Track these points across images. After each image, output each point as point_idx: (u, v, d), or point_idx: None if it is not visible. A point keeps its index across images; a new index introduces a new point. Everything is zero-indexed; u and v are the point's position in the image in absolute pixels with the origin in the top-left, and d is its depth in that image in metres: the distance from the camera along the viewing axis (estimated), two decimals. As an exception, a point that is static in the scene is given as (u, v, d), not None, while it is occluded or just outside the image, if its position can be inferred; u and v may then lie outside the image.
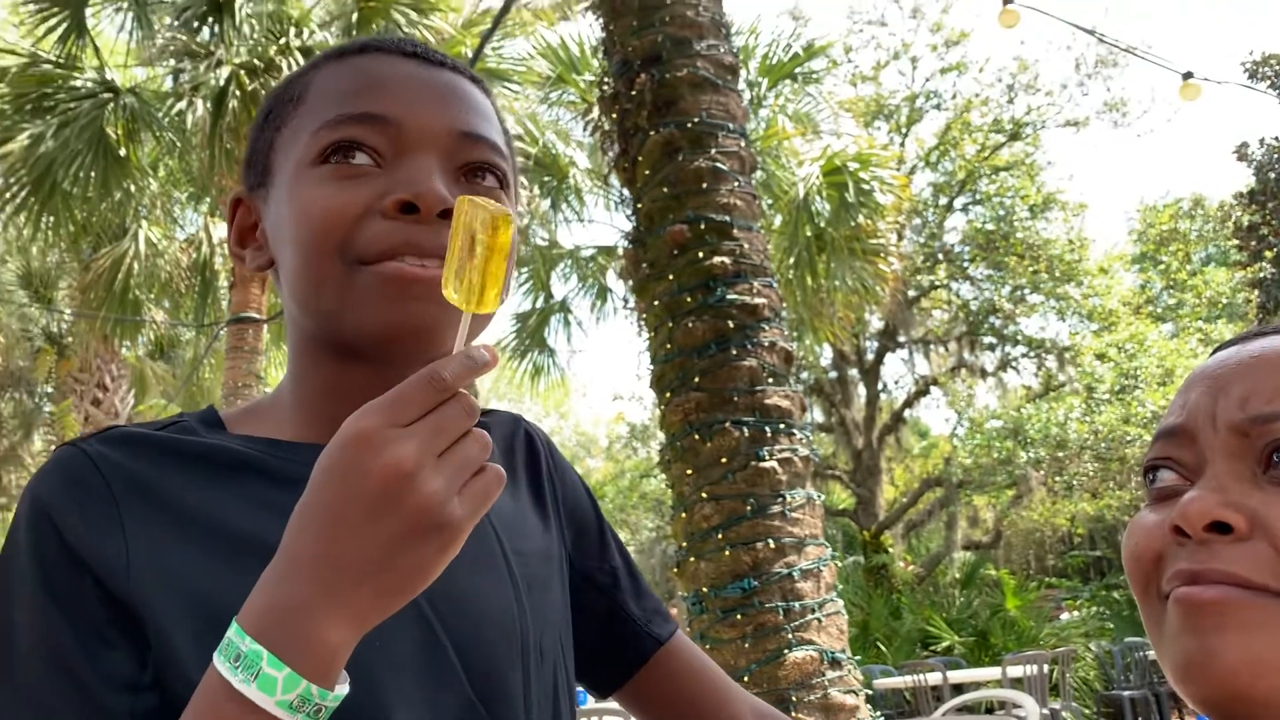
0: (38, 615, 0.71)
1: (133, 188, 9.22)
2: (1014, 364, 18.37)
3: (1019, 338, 18.08)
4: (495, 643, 0.81)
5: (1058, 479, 16.04)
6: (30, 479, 0.76)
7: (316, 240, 0.77)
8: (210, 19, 8.51)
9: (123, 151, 8.54)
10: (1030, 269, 17.33)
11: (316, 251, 0.78)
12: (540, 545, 0.93)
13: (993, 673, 9.53)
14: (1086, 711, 11.13)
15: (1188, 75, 6.26)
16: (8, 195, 8.48)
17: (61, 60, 8.46)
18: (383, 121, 0.79)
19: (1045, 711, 7.96)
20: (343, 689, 0.61)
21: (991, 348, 18.34)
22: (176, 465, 0.78)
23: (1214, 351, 0.71)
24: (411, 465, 0.58)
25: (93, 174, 8.37)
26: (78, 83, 8.50)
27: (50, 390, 14.54)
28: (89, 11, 8.43)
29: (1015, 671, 8.81)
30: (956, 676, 9.39)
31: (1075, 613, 15.45)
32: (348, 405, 0.75)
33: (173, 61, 8.62)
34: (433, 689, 0.77)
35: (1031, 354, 18.07)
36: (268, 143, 0.86)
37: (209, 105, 7.84)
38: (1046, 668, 8.89)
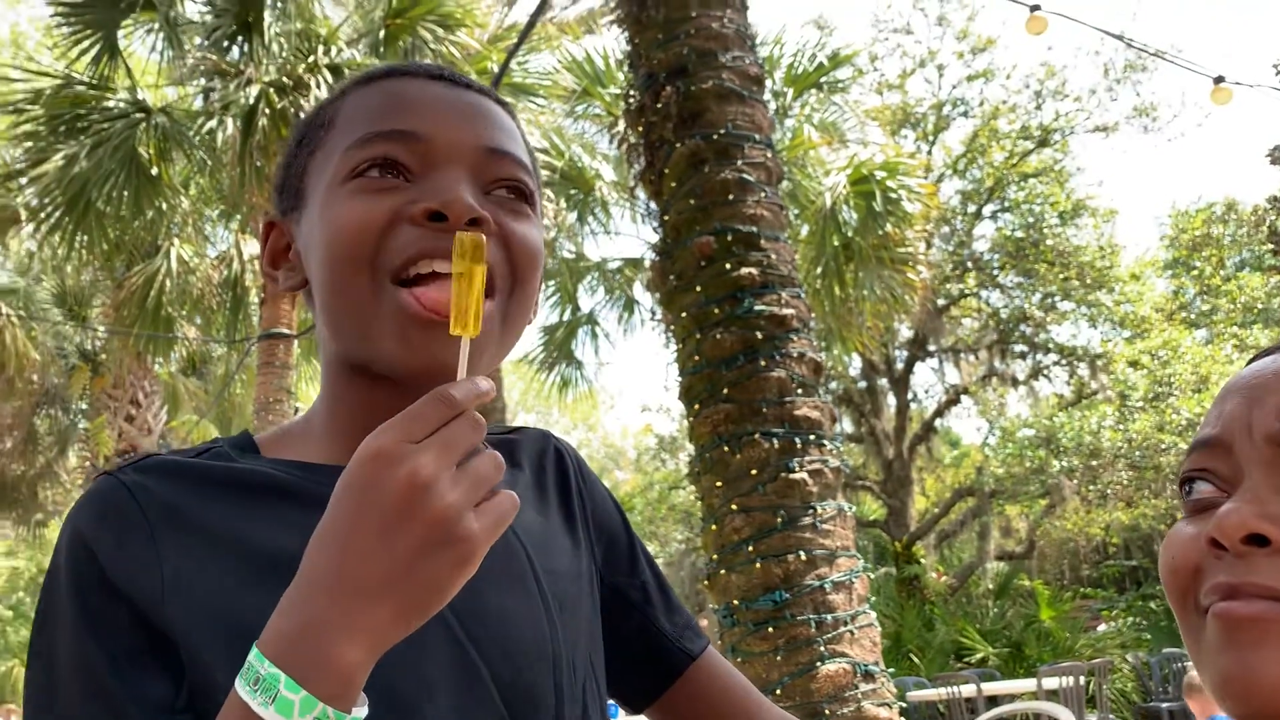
0: (76, 643, 0.72)
1: (164, 206, 9.34)
2: (1045, 372, 18.21)
3: (1050, 345, 17.92)
4: (527, 662, 0.82)
5: (1091, 488, 15.84)
6: (70, 509, 0.78)
7: (346, 252, 0.79)
8: (239, 38, 8.61)
9: (154, 170, 8.65)
10: (1061, 276, 17.18)
11: (346, 264, 0.79)
12: (570, 563, 0.93)
13: (1028, 684, 9.43)
14: (1124, 724, 10.98)
15: (1219, 79, 6.19)
16: (43, 215, 8.61)
17: (94, 81, 8.58)
18: (412, 137, 0.80)
19: (1082, 724, 7.86)
20: (360, 711, 0.62)
21: (1022, 356, 18.19)
22: (211, 492, 0.79)
23: (1250, 361, 0.70)
24: (428, 476, 0.60)
25: (125, 193, 8.47)
26: (110, 103, 8.62)
27: (84, 407, 14.69)
28: (121, 33, 8.56)
29: (1051, 683, 8.72)
30: (991, 688, 9.30)
31: (1110, 624, 15.27)
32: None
33: (203, 81, 8.73)
34: (466, 710, 0.77)
35: (1063, 362, 17.90)
36: (300, 168, 0.88)
37: (239, 123, 7.92)
38: (1083, 679, 8.78)
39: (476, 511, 0.61)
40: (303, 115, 0.92)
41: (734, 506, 4.62)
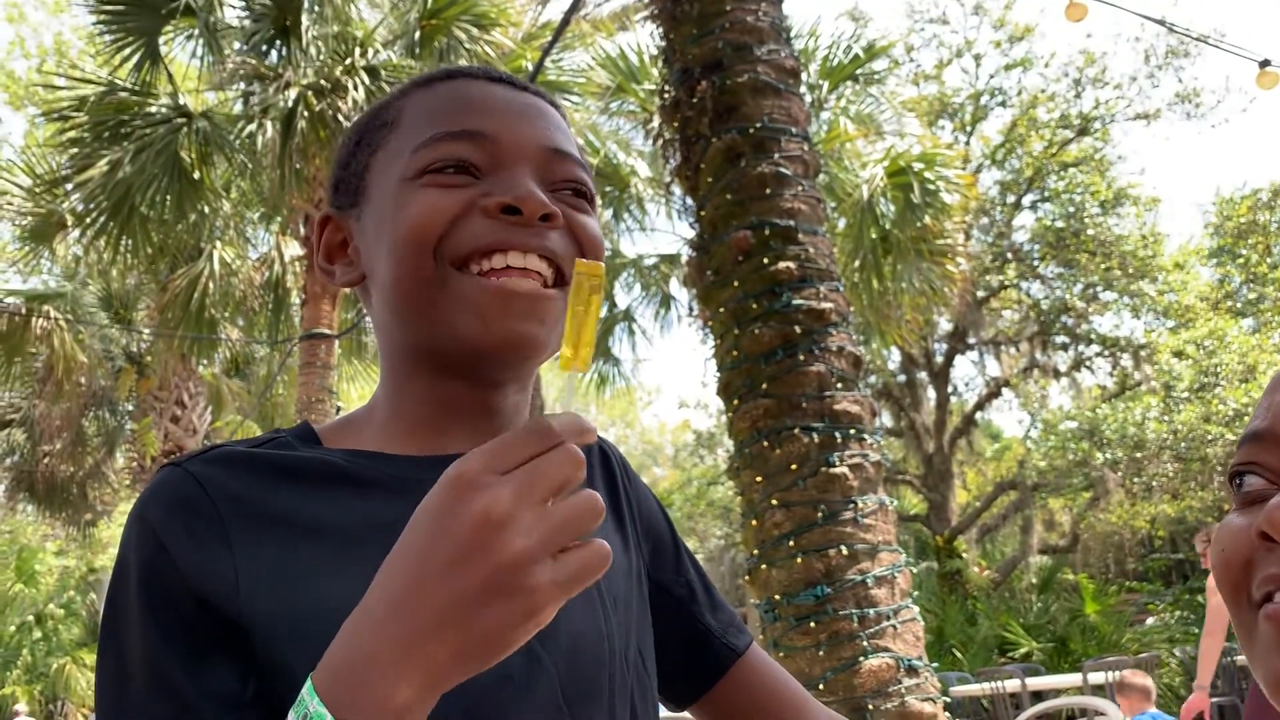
0: (145, 637, 0.73)
1: (206, 209, 9.47)
2: (1088, 363, 18.01)
3: (1093, 336, 17.72)
4: (586, 656, 0.83)
5: (1136, 480, 15.65)
6: (137, 501, 0.78)
7: (414, 239, 0.80)
8: (277, 42, 8.71)
9: (196, 174, 8.77)
10: (1103, 266, 16.97)
11: (413, 252, 0.80)
12: (620, 559, 0.94)
13: (1073, 679, 9.34)
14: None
15: (1265, 63, 6.10)
16: (88, 220, 8.76)
17: (137, 88, 8.72)
18: (480, 137, 0.83)
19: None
20: None
21: (1064, 347, 18.00)
22: (278, 481, 0.80)
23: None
24: (503, 513, 0.55)
25: (168, 197, 8.60)
26: (152, 109, 8.75)
27: (131, 408, 14.91)
28: (161, 39, 8.68)
29: (1096, 678, 8.63)
30: (1035, 683, 9.23)
31: (1157, 617, 15.07)
32: (443, 417, 0.78)
33: (242, 85, 8.83)
34: (529, 702, 0.78)
35: (1106, 353, 17.70)
36: (361, 166, 0.89)
37: (278, 126, 8.00)
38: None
39: (557, 560, 0.56)
40: (355, 115, 0.94)
41: (774, 502, 4.61)
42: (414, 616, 0.57)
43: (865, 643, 4.33)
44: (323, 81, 8.17)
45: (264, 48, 8.73)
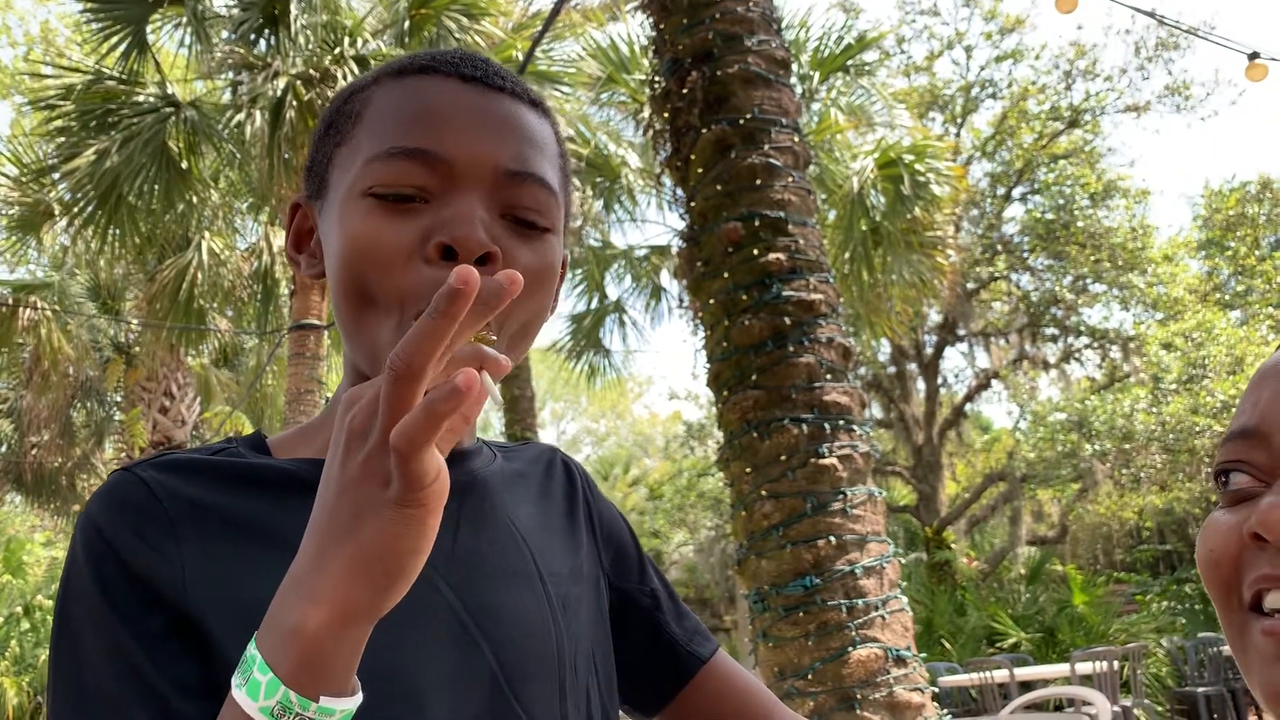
0: (104, 630, 0.72)
1: (195, 199, 9.41)
2: (1077, 355, 18.05)
3: (1082, 328, 17.75)
4: (536, 660, 0.83)
5: (1124, 471, 15.71)
6: (85, 504, 0.78)
7: (360, 284, 0.78)
8: (266, 31, 8.66)
9: (184, 164, 8.72)
10: (1092, 258, 17.00)
11: (361, 298, 0.79)
12: (571, 564, 0.94)
13: (1061, 669, 9.38)
14: (1159, 709, 10.92)
15: (1254, 55, 6.11)
16: (76, 210, 8.71)
17: (124, 76, 8.66)
18: (432, 158, 0.78)
19: (1116, 709, 7.81)
20: (332, 704, 0.59)
21: (1054, 339, 18.04)
22: (228, 486, 0.80)
23: (1282, 345, 0.69)
24: (360, 423, 0.57)
25: (156, 187, 8.56)
26: (140, 98, 8.70)
27: (120, 399, 14.86)
28: (149, 28, 8.62)
29: (1084, 668, 8.67)
30: (1024, 674, 9.26)
31: (1145, 608, 15.16)
32: None
33: (231, 74, 8.78)
34: (478, 705, 0.78)
35: (1095, 345, 17.74)
36: (327, 156, 0.86)
37: (267, 116, 7.96)
38: (1117, 664, 8.72)
39: (400, 464, 0.54)
40: (335, 94, 0.91)
41: (764, 492, 4.61)
42: (315, 544, 0.58)
43: (854, 633, 4.34)
44: (311, 71, 8.12)
45: (252, 37, 8.67)
